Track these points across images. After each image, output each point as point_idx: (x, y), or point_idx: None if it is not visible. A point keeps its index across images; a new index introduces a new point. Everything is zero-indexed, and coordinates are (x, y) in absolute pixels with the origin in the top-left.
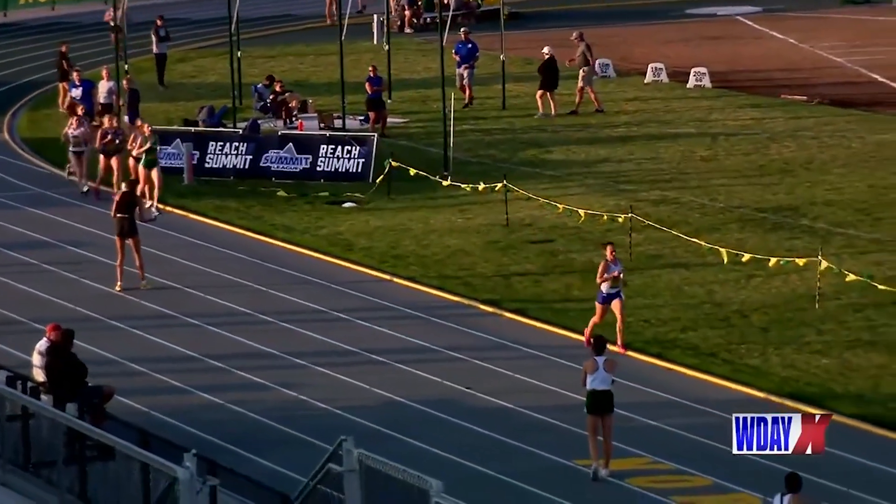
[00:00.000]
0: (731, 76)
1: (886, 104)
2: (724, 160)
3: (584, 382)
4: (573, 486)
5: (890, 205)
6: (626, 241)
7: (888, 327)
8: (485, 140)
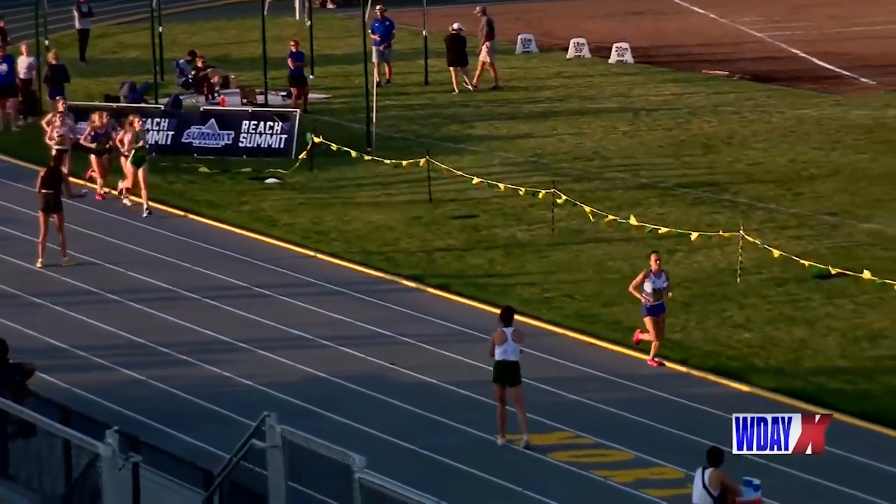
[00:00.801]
0: (652, 51)
1: (806, 79)
2: (645, 135)
3: (492, 353)
4: (497, 461)
5: (810, 179)
6: (548, 216)
7: (809, 302)
8: (407, 116)
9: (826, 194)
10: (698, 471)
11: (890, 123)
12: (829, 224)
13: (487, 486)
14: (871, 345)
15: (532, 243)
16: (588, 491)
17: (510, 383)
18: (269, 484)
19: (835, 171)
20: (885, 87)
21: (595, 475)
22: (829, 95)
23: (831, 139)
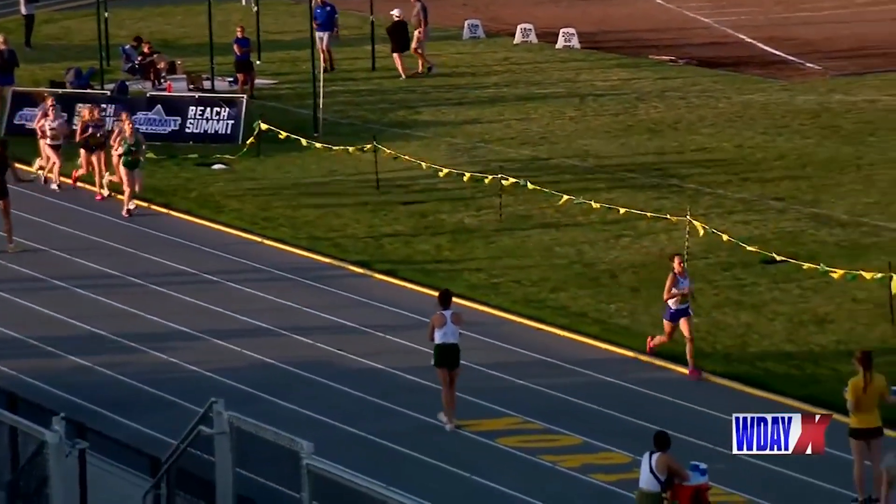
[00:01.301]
0: (599, 37)
1: (752, 64)
2: (592, 121)
3: (432, 336)
4: (445, 446)
5: (756, 164)
6: (495, 201)
7: (755, 286)
8: (355, 101)
9: (772, 179)
10: (645, 455)
11: (835, 108)
12: (775, 209)
13: (436, 472)
14: (817, 329)
15: (479, 229)
16: (536, 476)
17: (451, 365)
18: (217, 470)
19: (781, 156)
20: (830, 72)
21: (543, 460)
22: (775, 80)
23: (777, 124)
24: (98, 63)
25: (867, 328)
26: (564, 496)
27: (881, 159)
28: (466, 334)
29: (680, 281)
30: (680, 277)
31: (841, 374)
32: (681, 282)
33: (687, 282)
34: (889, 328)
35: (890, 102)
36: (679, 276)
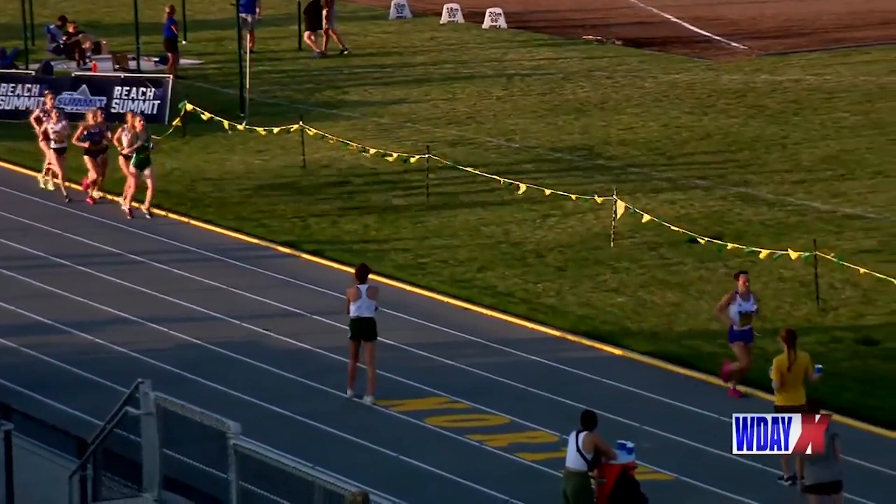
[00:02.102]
0: (526, 17)
1: (678, 44)
2: (519, 100)
3: (348, 310)
4: (372, 426)
5: (682, 144)
6: (422, 181)
7: (681, 266)
8: (281, 81)
9: (698, 158)
10: (572, 434)
11: (760, 88)
12: (701, 188)
13: (363, 451)
14: None
15: (407, 209)
16: (463, 455)
17: (366, 338)
18: (144, 451)
19: (707, 136)
20: (755, 52)
21: (470, 440)
22: (700, 60)
23: (703, 104)
24: (23, 43)
25: (792, 307)
26: (492, 475)
27: (806, 139)
28: (394, 314)
29: (741, 303)
30: (742, 299)
31: (766, 352)
32: (743, 304)
33: (751, 304)
34: (814, 307)
35: (814, 82)
36: (742, 296)
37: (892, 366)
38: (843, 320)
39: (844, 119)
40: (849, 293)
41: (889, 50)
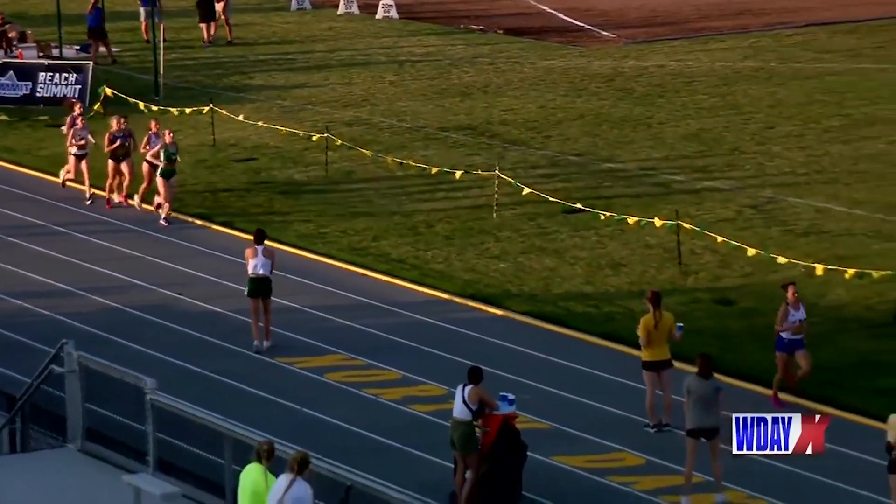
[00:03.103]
0: (416, 8)
1: (553, 33)
2: (410, 85)
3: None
4: (277, 382)
5: (557, 124)
6: (322, 158)
7: (557, 234)
8: (192, 67)
9: (572, 137)
10: (459, 387)
11: (628, 73)
12: (575, 163)
13: (270, 405)
14: (613, 272)
15: (308, 184)
16: (361, 407)
17: (263, 296)
18: (68, 406)
19: (580, 116)
20: (623, 40)
21: (367, 393)
22: (574, 47)
23: (576, 87)
24: None
25: (657, 271)
26: (386, 425)
27: (669, 118)
28: (297, 280)
29: (792, 313)
30: (792, 309)
31: (634, 312)
32: (792, 314)
33: (801, 312)
34: (677, 271)
35: (676, 67)
36: (792, 306)
37: (747, 323)
38: (703, 283)
39: (703, 101)
40: (708, 258)
41: (743, 38)
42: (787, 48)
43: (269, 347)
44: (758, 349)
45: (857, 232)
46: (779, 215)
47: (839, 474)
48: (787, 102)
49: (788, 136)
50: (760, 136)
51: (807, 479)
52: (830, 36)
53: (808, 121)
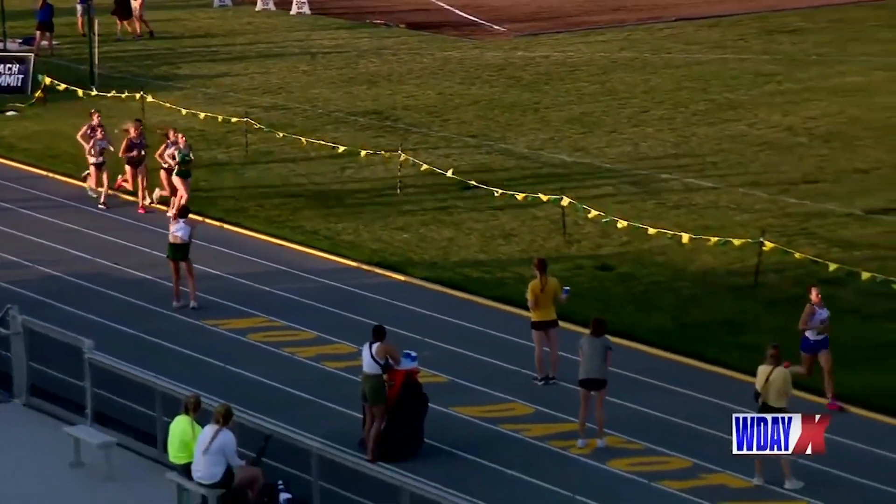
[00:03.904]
0: (326, 4)
1: (450, 27)
2: (321, 73)
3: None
4: (202, 342)
5: (454, 108)
6: (242, 140)
7: (455, 208)
8: (125, 58)
9: (468, 120)
10: (366, 345)
11: (517, 63)
12: (470, 144)
13: (193, 362)
14: (504, 242)
15: (230, 163)
16: (279, 364)
17: (181, 258)
18: (13, 365)
19: (474, 102)
20: (513, 33)
21: (284, 352)
22: (468, 40)
23: (471, 76)
24: None
25: (544, 240)
26: (302, 380)
27: (554, 103)
28: (221, 251)
29: (818, 311)
30: (818, 308)
31: (523, 277)
32: (819, 313)
33: (825, 312)
34: (561, 240)
35: (559, 58)
36: (817, 306)
37: (624, 287)
38: (585, 251)
39: (585, 87)
40: (589, 229)
41: (619, 31)
42: (659, 40)
43: (196, 308)
44: (634, 310)
45: (722, 205)
46: (652, 190)
47: (703, 419)
48: (658, 89)
49: (660, 119)
50: (635, 118)
51: (679, 426)
52: (697, 30)
53: (678, 105)
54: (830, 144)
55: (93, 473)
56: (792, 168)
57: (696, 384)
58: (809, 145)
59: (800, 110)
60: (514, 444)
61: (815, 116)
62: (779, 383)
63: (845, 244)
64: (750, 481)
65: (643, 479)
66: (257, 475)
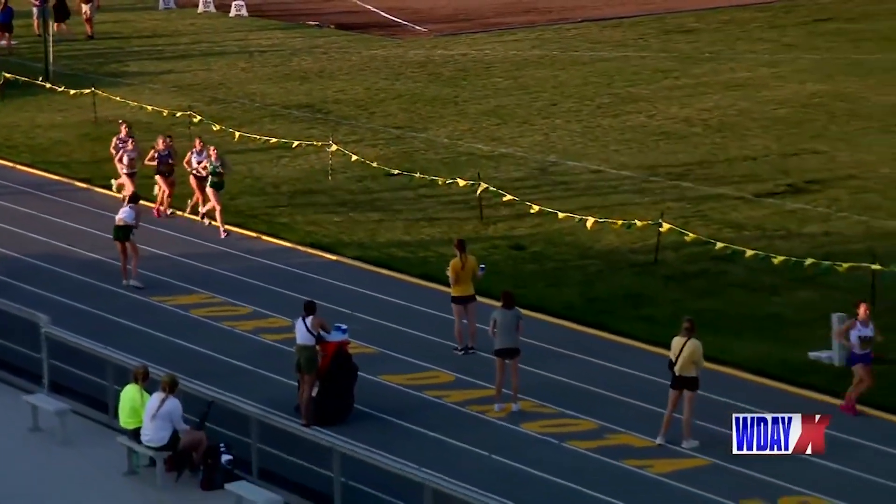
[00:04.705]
0: (263, 7)
1: (376, 27)
2: (258, 70)
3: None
4: (147, 316)
5: (380, 102)
6: (186, 131)
7: (381, 193)
8: (77, 56)
9: (392, 113)
10: (299, 319)
11: (437, 60)
12: (395, 135)
13: (139, 333)
14: (427, 224)
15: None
16: (220, 337)
17: (123, 238)
18: None
19: (398, 96)
20: (433, 33)
21: (224, 325)
22: (393, 39)
23: (395, 72)
24: None
25: (463, 222)
26: (241, 352)
27: (471, 97)
28: (166, 233)
29: (860, 328)
30: (862, 325)
31: (444, 256)
32: (863, 329)
33: (869, 330)
34: (478, 222)
35: (476, 55)
36: (862, 323)
37: (536, 266)
38: (500, 232)
39: (499, 83)
40: (504, 212)
41: (531, 31)
42: (567, 40)
43: (140, 287)
44: (545, 286)
45: (624, 189)
46: (561, 176)
47: (608, 385)
48: (566, 84)
49: (568, 111)
50: (546, 111)
51: (586, 391)
52: (601, 30)
53: (584, 99)
54: (722, 134)
55: (49, 438)
56: (688, 155)
57: (601, 353)
58: (704, 135)
59: (695, 103)
60: (436, 409)
61: (709, 108)
62: (690, 354)
63: (736, 225)
64: (653, 441)
65: (554, 439)
66: (201, 438)
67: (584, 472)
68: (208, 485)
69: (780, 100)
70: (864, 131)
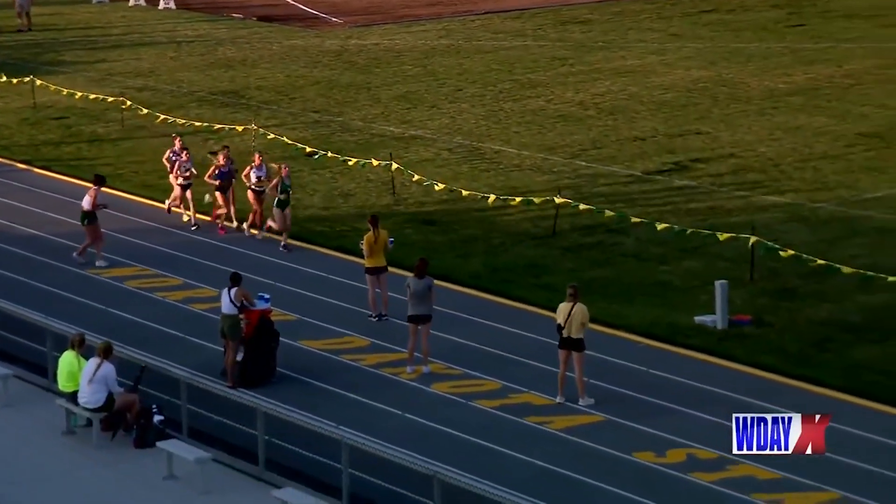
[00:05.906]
0: (190, 0)
1: (295, 19)
2: (186, 59)
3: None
4: (96, 291)
5: (299, 88)
6: (118, 116)
7: (302, 171)
8: (15, 47)
9: (311, 98)
10: (224, 290)
11: (352, 49)
12: (313, 119)
13: (87, 309)
14: (343, 201)
15: (108, 136)
16: (152, 307)
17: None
18: None
19: (316, 82)
20: (348, 24)
21: (156, 296)
22: (311, 30)
23: (313, 61)
24: None
25: (377, 199)
26: (172, 319)
27: (384, 83)
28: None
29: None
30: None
31: (359, 230)
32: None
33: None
34: (391, 199)
35: (388, 45)
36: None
37: (445, 238)
38: (411, 208)
39: (409, 70)
40: (414, 189)
41: (437, 22)
42: (471, 30)
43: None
44: (453, 257)
45: (525, 168)
46: (466, 156)
47: (510, 348)
48: (471, 71)
49: (473, 96)
50: (452, 96)
51: (491, 354)
52: (503, 21)
53: (487, 84)
54: (614, 117)
55: None
56: (583, 137)
57: (504, 318)
58: (597, 117)
59: (589, 88)
60: (353, 372)
61: (602, 93)
62: (579, 318)
63: (627, 200)
64: (552, 399)
65: (461, 399)
66: (135, 400)
67: (490, 428)
68: (141, 443)
69: (667, 85)
70: (744, 114)
